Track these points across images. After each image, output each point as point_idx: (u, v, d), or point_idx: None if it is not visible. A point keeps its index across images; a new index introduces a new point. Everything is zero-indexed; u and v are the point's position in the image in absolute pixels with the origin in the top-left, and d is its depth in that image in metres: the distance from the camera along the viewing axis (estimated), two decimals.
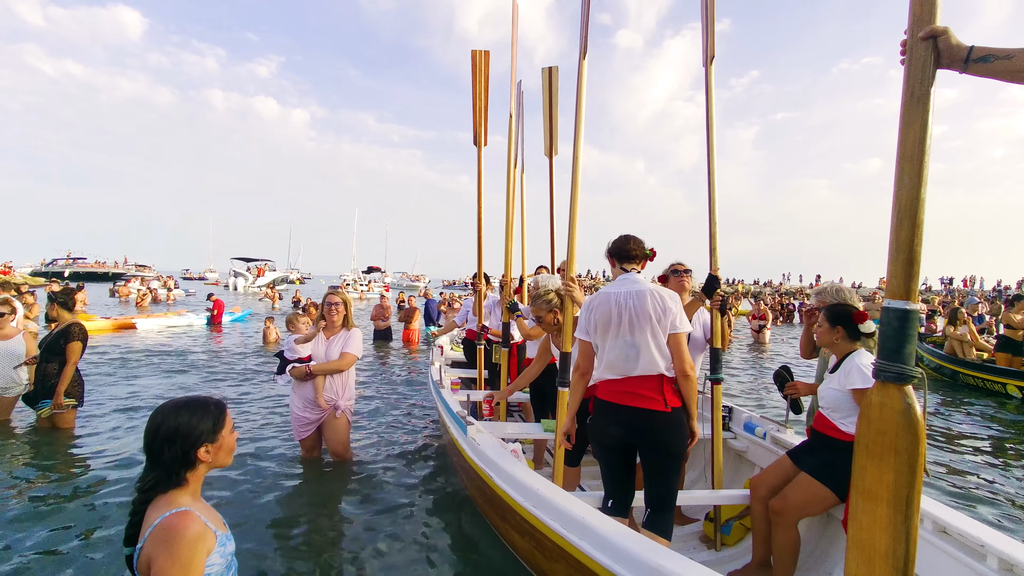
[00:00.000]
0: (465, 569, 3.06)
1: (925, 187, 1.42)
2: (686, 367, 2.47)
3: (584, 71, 3.12)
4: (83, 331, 5.13)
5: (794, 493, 2.66)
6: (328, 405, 4.23)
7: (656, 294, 2.55)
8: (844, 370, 2.65)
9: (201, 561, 1.44)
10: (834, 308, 2.79)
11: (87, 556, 3.06)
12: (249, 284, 43.15)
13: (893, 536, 1.40)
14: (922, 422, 1.42)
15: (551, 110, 5.48)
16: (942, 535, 2.24)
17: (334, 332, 4.28)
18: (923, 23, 1.44)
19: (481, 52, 5.03)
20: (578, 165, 3.07)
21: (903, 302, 1.42)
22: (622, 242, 2.76)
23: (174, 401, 1.61)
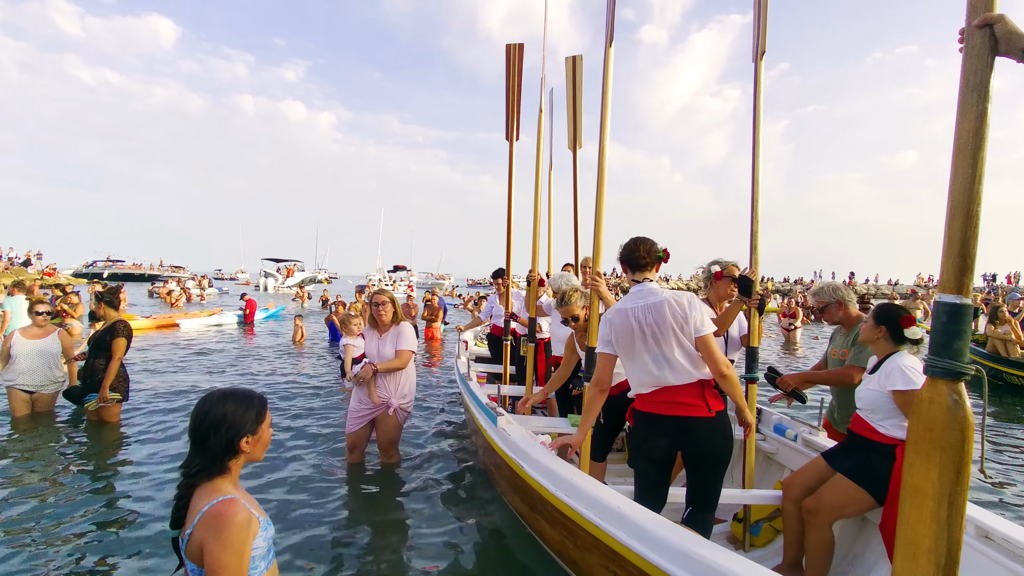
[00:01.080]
0: (491, 560, 3.10)
1: (981, 180, 1.38)
2: (721, 367, 2.43)
3: (610, 59, 3.09)
4: (128, 328, 5.34)
5: (829, 493, 2.61)
6: (380, 401, 4.32)
7: (674, 302, 2.50)
8: (885, 371, 2.59)
9: (250, 546, 1.51)
10: (883, 307, 2.74)
11: (126, 535, 3.22)
12: (279, 284, 44.12)
13: (937, 532, 1.38)
14: (971, 419, 1.39)
15: (575, 101, 5.42)
16: (985, 540, 2.18)
17: (386, 329, 4.39)
18: (978, 11, 1.40)
19: (515, 45, 4.98)
20: (604, 156, 3.06)
21: (955, 296, 1.39)
22: (631, 248, 2.68)
23: (222, 391, 1.67)
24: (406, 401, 4.46)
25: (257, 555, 1.55)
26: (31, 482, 3.96)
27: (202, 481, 1.59)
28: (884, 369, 2.60)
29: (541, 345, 5.19)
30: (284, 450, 4.85)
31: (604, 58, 3.10)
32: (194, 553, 1.50)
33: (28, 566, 2.86)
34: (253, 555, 1.53)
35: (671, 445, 2.49)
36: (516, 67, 4.98)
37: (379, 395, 4.33)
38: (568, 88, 5.46)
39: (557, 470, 2.68)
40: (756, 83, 3.32)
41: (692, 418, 2.43)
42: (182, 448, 4.84)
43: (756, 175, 3.24)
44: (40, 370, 5.31)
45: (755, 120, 3.28)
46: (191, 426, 1.62)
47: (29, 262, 34.22)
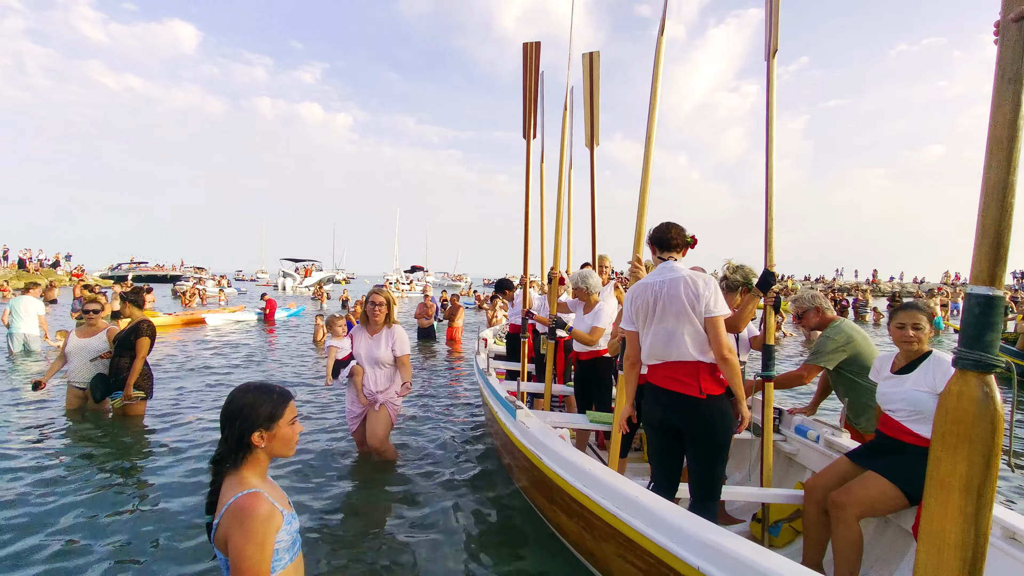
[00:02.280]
0: (509, 553, 3.12)
1: (1016, 170, 1.37)
2: (723, 350, 2.47)
3: (662, 47, 3.14)
4: (152, 327, 5.47)
5: (859, 488, 2.54)
6: (368, 400, 4.32)
7: (690, 280, 2.56)
8: (931, 371, 2.54)
9: (272, 538, 1.55)
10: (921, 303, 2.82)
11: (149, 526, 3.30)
12: (297, 284, 44.79)
13: (963, 527, 1.37)
14: (1001, 412, 1.37)
15: (592, 98, 5.40)
16: (1011, 541, 2.14)
17: (377, 330, 4.36)
18: (1014, 4, 1.40)
19: (532, 44, 4.99)
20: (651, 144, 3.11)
21: (987, 288, 1.38)
22: (663, 230, 2.78)
23: (249, 383, 1.71)
24: (392, 397, 4.41)
25: (281, 548, 1.58)
26: (56, 477, 4.07)
27: (228, 471, 1.62)
28: (929, 369, 2.55)
29: (561, 342, 5.19)
30: (300, 444, 4.93)
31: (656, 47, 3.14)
32: (220, 542, 1.55)
33: (54, 564, 2.92)
34: (277, 547, 1.56)
35: (663, 418, 2.62)
36: (533, 66, 4.99)
37: (367, 391, 4.32)
38: (585, 85, 5.44)
39: (575, 461, 2.71)
40: (769, 80, 3.31)
41: (682, 395, 2.53)
42: (204, 443, 4.95)
43: (770, 172, 3.22)
44: (87, 367, 5.47)
45: (768, 116, 3.27)
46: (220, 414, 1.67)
47: (58, 263, 35.19)
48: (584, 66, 5.43)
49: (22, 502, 3.57)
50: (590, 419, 3.93)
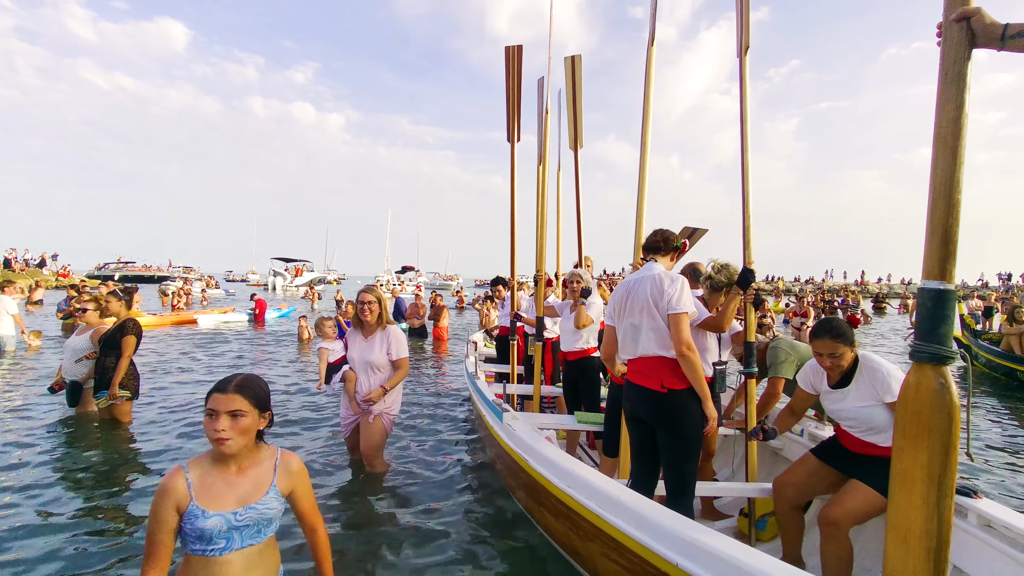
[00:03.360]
0: (496, 557, 3.13)
1: (961, 168, 1.43)
2: (682, 347, 2.51)
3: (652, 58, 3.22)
4: (138, 326, 5.44)
5: (851, 501, 2.48)
6: (361, 408, 4.11)
7: (657, 278, 2.66)
8: (866, 382, 2.50)
9: (163, 509, 1.63)
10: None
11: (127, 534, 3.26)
12: (287, 284, 44.54)
13: (927, 516, 1.41)
14: (957, 403, 1.43)
15: (575, 101, 5.44)
16: (987, 529, 2.20)
17: (371, 331, 4.15)
18: (956, 5, 1.46)
19: (514, 48, 5.03)
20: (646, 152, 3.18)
21: (939, 282, 1.43)
22: (651, 235, 2.94)
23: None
24: (389, 406, 4.18)
25: (186, 533, 1.65)
26: (39, 481, 4.04)
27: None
28: (865, 380, 2.51)
29: (548, 344, 5.22)
30: (291, 447, 4.92)
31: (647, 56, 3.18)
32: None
33: (32, 568, 2.89)
34: (182, 529, 1.65)
35: (632, 410, 2.76)
36: (515, 69, 5.03)
37: (360, 403, 4.09)
38: (568, 88, 5.47)
39: (560, 462, 2.74)
40: (742, 78, 3.40)
41: (645, 389, 2.64)
42: (192, 443, 4.93)
43: (745, 171, 3.29)
44: (73, 368, 5.46)
45: (742, 115, 3.34)
46: None
47: (44, 263, 34.74)
48: (566, 69, 5.47)
49: None
50: (578, 420, 3.97)
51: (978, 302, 18.57)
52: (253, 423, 1.72)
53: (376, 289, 4.28)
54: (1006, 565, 2.07)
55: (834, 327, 2.56)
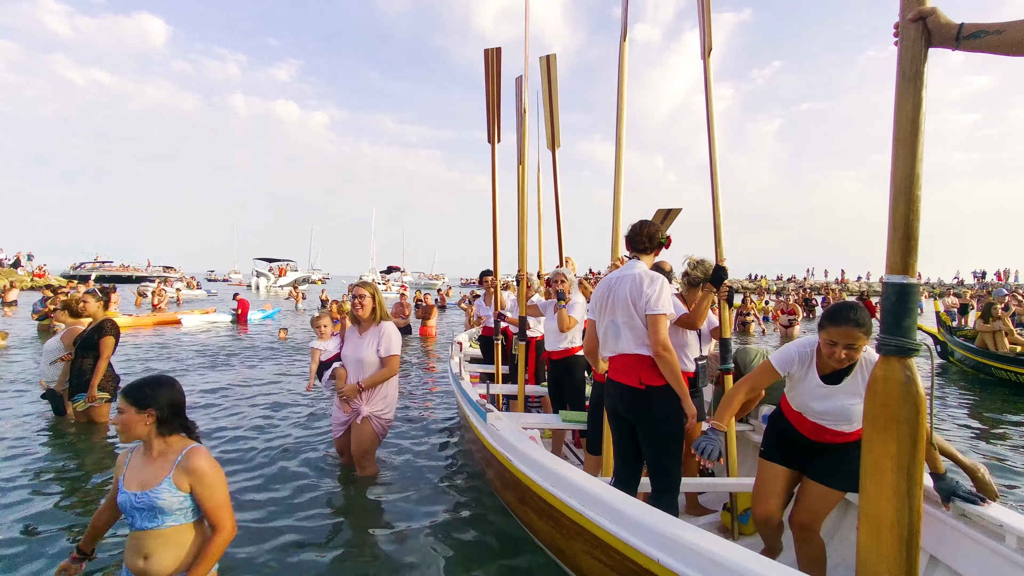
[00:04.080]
0: (482, 556, 3.13)
1: (920, 164, 1.46)
2: (659, 347, 2.54)
3: (625, 52, 3.22)
4: (115, 327, 5.35)
5: (821, 506, 2.44)
6: (351, 409, 4.01)
7: (637, 278, 2.67)
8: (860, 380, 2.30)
9: (114, 474, 2.04)
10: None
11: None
12: (271, 284, 44.04)
13: (898, 506, 1.45)
14: (923, 394, 1.47)
15: (551, 100, 5.46)
16: (961, 518, 2.25)
17: (366, 327, 4.02)
18: (912, 5, 1.49)
19: (493, 50, 5.05)
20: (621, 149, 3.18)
21: (902, 276, 1.47)
22: (635, 229, 2.90)
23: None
24: (381, 409, 4.06)
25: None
26: (11, 484, 3.95)
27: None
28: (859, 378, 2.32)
29: (532, 343, 5.22)
30: (272, 449, 4.88)
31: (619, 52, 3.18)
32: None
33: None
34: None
35: (613, 406, 2.79)
36: (494, 71, 5.05)
37: (351, 403, 4.01)
38: (544, 88, 5.48)
39: (543, 462, 2.75)
40: (706, 79, 3.44)
41: (625, 386, 2.66)
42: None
43: (714, 170, 3.35)
44: (44, 369, 5.40)
45: (708, 115, 3.39)
46: None
47: (19, 263, 33.94)
48: (542, 69, 5.47)
49: None
50: (563, 419, 3.98)
51: (954, 300, 18.99)
52: (130, 419, 1.95)
53: (371, 283, 4.18)
54: (981, 553, 2.12)
55: (859, 314, 2.19)
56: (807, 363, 2.42)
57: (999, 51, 1.38)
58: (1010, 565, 1.97)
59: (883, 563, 1.51)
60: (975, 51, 1.42)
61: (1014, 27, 1.34)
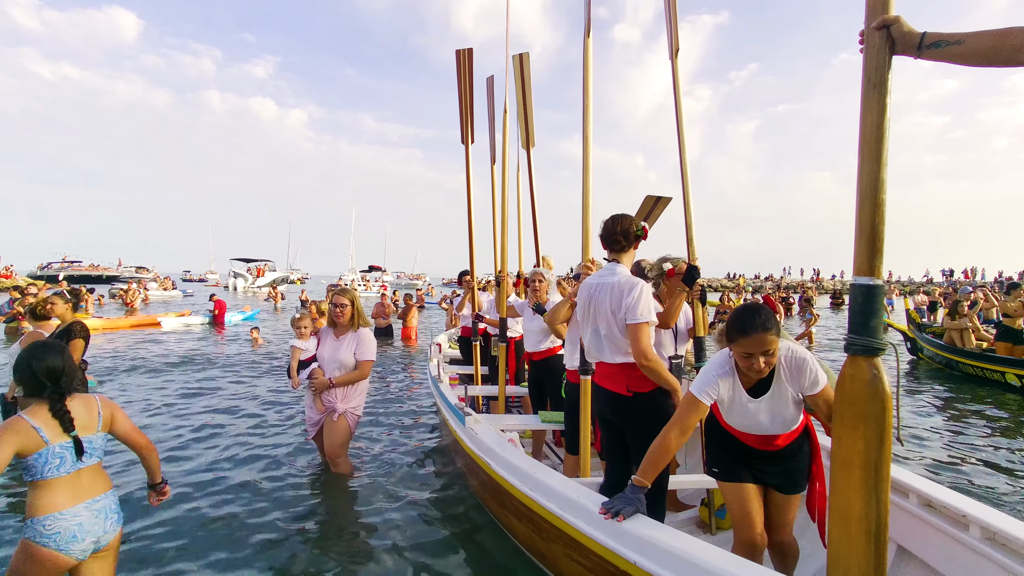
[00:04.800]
0: (464, 559, 3.12)
1: (885, 169, 1.49)
2: (641, 357, 2.51)
3: (589, 48, 3.18)
4: (84, 329, 5.19)
5: (791, 515, 2.34)
6: (326, 407, 4.10)
7: (616, 287, 2.63)
8: (793, 380, 2.13)
9: (6, 445, 1.93)
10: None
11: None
12: (249, 285, 43.29)
13: (866, 500, 1.48)
14: (889, 392, 1.51)
15: (524, 100, 5.46)
16: (928, 508, 2.30)
17: (343, 332, 4.18)
18: (877, 13, 1.52)
19: (464, 51, 5.06)
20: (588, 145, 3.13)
21: (868, 278, 1.51)
22: (609, 227, 2.80)
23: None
24: (355, 406, 4.19)
25: (32, 462, 1.99)
26: None
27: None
28: (783, 382, 2.15)
29: (512, 344, 5.22)
30: (251, 448, 4.80)
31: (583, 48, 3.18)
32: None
33: None
34: (26, 462, 1.99)
35: (601, 412, 2.79)
36: (466, 71, 5.06)
37: (325, 400, 4.10)
38: (517, 87, 5.48)
39: (522, 466, 2.75)
40: (675, 80, 3.49)
41: (612, 393, 2.66)
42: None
43: (684, 170, 3.40)
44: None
45: (677, 115, 3.43)
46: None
47: None
48: (515, 68, 5.46)
49: None
50: (542, 419, 3.99)
51: (923, 297, 19.50)
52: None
53: (351, 291, 4.32)
54: (946, 542, 2.17)
55: (766, 318, 2.03)
56: (730, 381, 2.19)
57: (959, 60, 1.42)
58: (974, 554, 2.02)
59: (852, 556, 1.54)
60: (936, 60, 1.46)
61: (974, 38, 1.37)
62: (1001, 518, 2.01)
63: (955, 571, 2.11)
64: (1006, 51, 1.33)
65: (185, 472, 4.32)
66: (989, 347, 9.18)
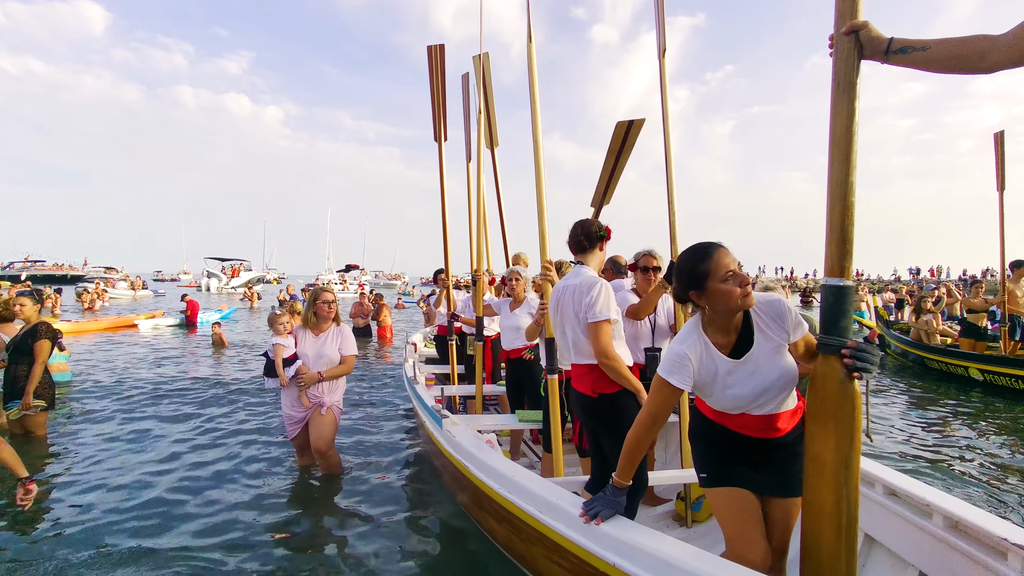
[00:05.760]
0: (444, 560, 3.11)
1: (854, 172, 1.52)
2: (600, 357, 2.52)
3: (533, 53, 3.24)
4: (51, 330, 5.03)
5: (793, 520, 1.98)
6: (312, 403, 4.17)
7: (577, 288, 2.65)
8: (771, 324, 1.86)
9: None
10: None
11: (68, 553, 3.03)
12: (223, 284, 42.40)
13: (837, 495, 1.52)
14: (859, 391, 1.54)
15: (487, 99, 5.46)
16: (892, 497, 2.37)
17: (324, 329, 4.25)
18: (846, 18, 1.54)
19: (436, 46, 5.01)
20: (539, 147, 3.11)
21: (838, 279, 1.54)
22: (573, 231, 2.83)
23: None
24: (337, 399, 4.31)
25: None
26: None
27: None
28: (766, 323, 1.88)
29: (488, 343, 5.21)
30: (229, 448, 4.72)
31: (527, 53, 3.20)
32: None
33: None
34: None
35: (575, 411, 2.85)
36: (438, 68, 5.01)
37: (310, 395, 4.17)
38: (479, 87, 5.47)
39: (500, 468, 2.74)
40: (662, 79, 3.51)
41: (581, 394, 2.71)
42: (120, 457, 4.61)
43: (669, 170, 3.42)
44: None
45: (664, 114, 3.45)
46: None
47: None
48: (476, 68, 5.45)
49: None
50: (520, 419, 3.98)
51: (891, 295, 20.06)
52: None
53: (332, 289, 4.46)
54: (909, 530, 2.23)
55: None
56: (700, 348, 1.86)
57: (924, 67, 1.45)
58: (937, 541, 2.08)
59: (823, 550, 1.58)
60: (902, 65, 1.49)
61: (940, 44, 1.40)
62: (963, 507, 2.07)
63: (919, 558, 2.17)
64: (969, 59, 1.36)
65: (152, 479, 4.21)
66: (953, 343, 9.46)
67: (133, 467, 4.40)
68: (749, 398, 1.87)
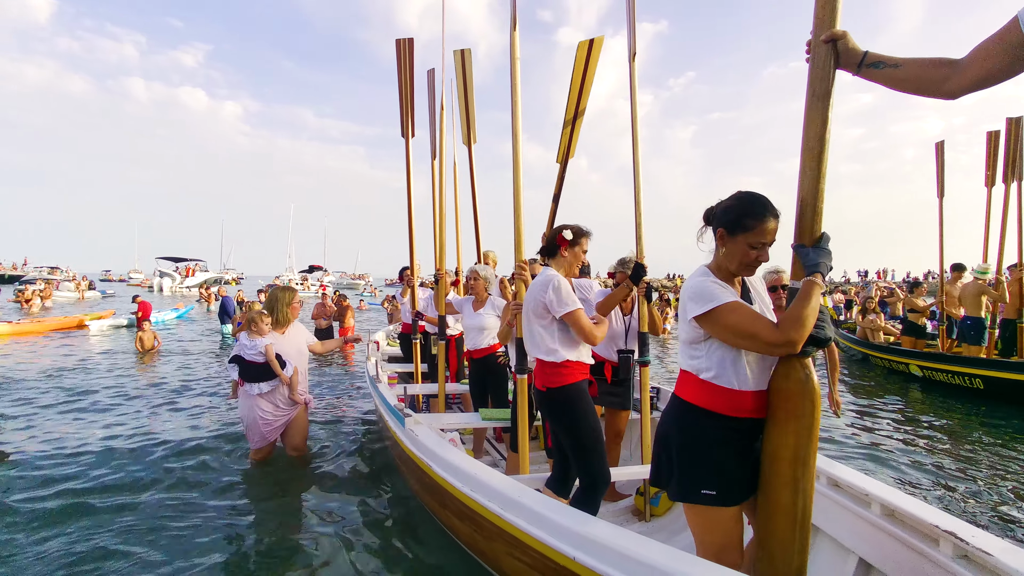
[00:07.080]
0: (406, 560, 3.08)
1: (824, 180, 1.53)
2: (588, 341, 2.67)
3: (516, 42, 3.16)
4: None
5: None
6: (301, 400, 4.36)
7: (535, 287, 2.76)
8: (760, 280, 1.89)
9: None
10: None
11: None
12: (176, 285, 40.76)
13: (793, 491, 1.55)
14: (818, 390, 1.57)
15: (466, 95, 5.43)
16: (835, 488, 2.46)
17: (285, 328, 4.45)
18: (825, 26, 1.55)
19: (404, 40, 4.92)
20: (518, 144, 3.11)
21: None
22: (543, 239, 3.02)
23: None
24: (305, 390, 4.52)
25: None
26: None
27: None
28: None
29: (452, 341, 5.18)
30: (188, 453, 4.57)
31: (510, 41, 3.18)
32: None
33: None
34: None
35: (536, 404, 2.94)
36: (407, 63, 4.92)
37: (301, 393, 4.36)
38: (459, 82, 5.43)
39: (462, 466, 2.74)
40: (632, 82, 3.54)
41: (535, 389, 2.83)
42: (71, 467, 4.37)
43: (637, 172, 3.47)
44: None
45: (632, 117, 3.49)
46: None
47: None
48: (456, 63, 5.42)
49: None
50: (483, 417, 3.97)
51: (841, 296, 20.94)
52: None
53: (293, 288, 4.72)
54: (849, 518, 2.32)
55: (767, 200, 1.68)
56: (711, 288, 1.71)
57: (891, 84, 1.44)
58: (875, 529, 2.17)
59: (778, 544, 1.61)
60: (871, 80, 1.49)
61: (910, 64, 1.40)
62: (899, 496, 2.16)
63: (859, 545, 2.25)
64: (934, 82, 1.36)
65: (109, 481, 4.02)
66: (895, 341, 9.93)
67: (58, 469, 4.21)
68: (763, 373, 1.71)
